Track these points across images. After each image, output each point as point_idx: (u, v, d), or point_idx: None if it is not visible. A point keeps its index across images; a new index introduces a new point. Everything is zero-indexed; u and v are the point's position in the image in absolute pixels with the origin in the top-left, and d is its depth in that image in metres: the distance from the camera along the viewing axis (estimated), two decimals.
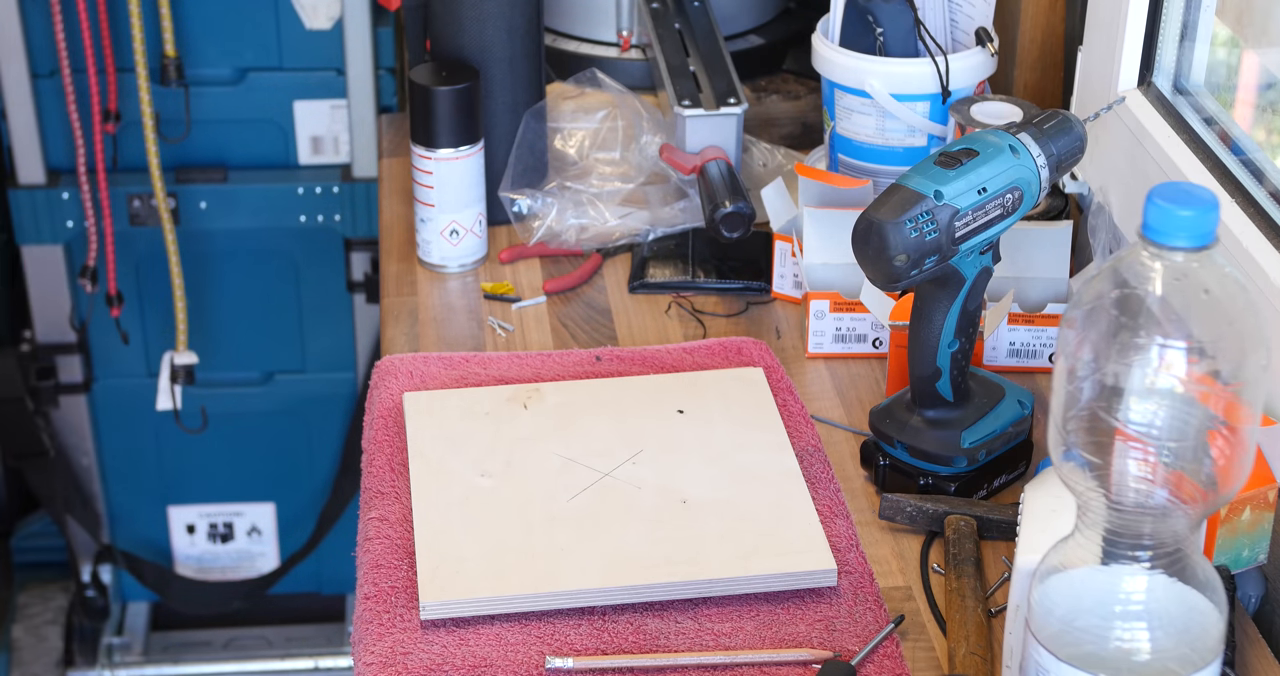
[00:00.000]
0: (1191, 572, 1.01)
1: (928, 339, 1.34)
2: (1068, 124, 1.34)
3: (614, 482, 1.34)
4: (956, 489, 1.35)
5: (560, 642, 1.22)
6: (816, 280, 1.57)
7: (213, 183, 2.46)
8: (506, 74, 1.72)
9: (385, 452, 1.40)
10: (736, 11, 2.02)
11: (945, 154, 1.30)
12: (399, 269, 1.70)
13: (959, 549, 1.29)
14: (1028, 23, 1.74)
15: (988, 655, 1.21)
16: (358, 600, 1.27)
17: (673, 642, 1.22)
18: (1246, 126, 1.48)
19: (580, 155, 1.79)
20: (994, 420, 1.37)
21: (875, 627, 1.24)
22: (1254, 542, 1.27)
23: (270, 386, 2.62)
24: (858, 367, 1.54)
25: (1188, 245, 0.96)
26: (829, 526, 1.32)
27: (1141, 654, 1.01)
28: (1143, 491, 0.98)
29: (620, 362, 1.51)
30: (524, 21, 1.72)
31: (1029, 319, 1.51)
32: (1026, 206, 1.32)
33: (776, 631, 1.23)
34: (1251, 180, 1.39)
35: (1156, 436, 0.97)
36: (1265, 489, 1.26)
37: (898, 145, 1.65)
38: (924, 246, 1.27)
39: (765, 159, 1.82)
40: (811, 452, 1.40)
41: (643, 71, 1.96)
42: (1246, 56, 1.54)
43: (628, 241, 1.71)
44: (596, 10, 2.00)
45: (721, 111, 1.72)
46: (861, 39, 1.67)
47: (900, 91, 1.63)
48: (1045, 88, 1.77)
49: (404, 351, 1.57)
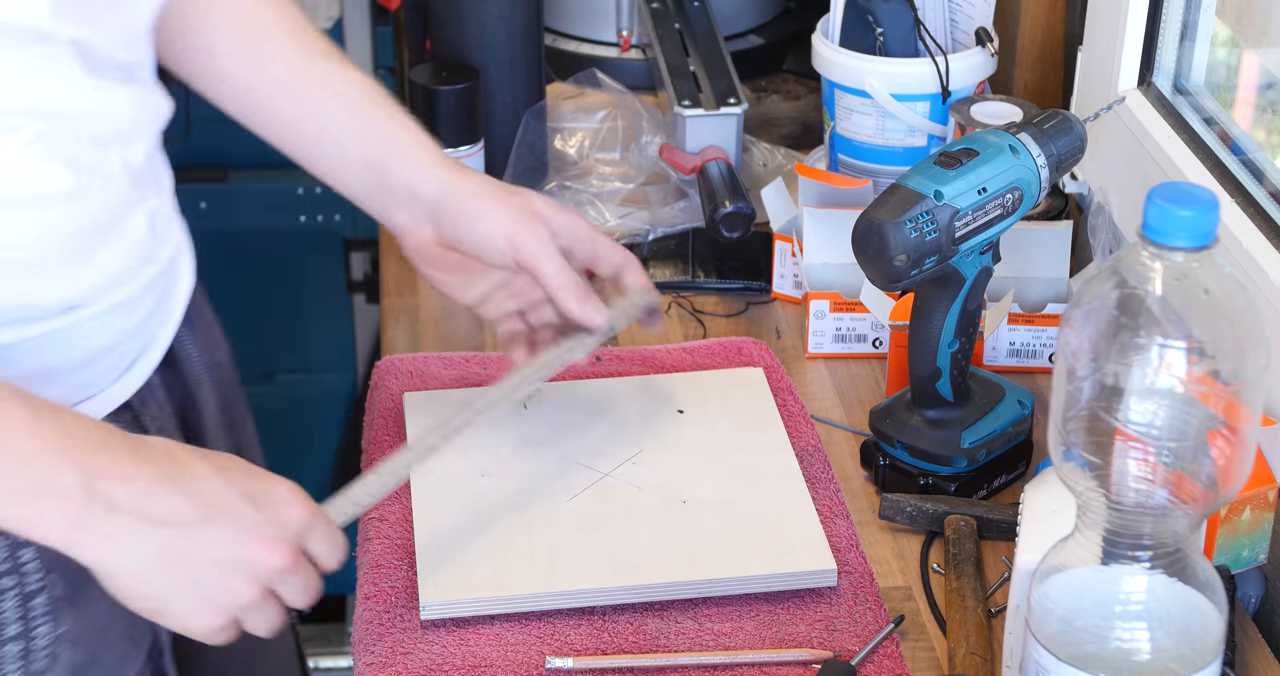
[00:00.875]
0: (1191, 572, 1.01)
1: (928, 339, 1.34)
2: (1068, 124, 1.34)
3: (614, 482, 1.34)
4: (956, 489, 1.35)
5: (560, 642, 1.22)
6: (816, 280, 1.56)
7: (213, 183, 2.46)
8: (506, 74, 1.72)
9: (385, 452, 1.40)
10: (736, 11, 2.02)
11: (945, 154, 1.30)
12: (399, 269, 1.70)
13: (959, 549, 1.29)
14: (1028, 23, 1.74)
15: (988, 655, 1.21)
16: (358, 600, 1.27)
17: (673, 642, 1.22)
18: (1246, 126, 1.48)
19: (580, 155, 1.80)
20: (994, 420, 1.37)
21: (875, 627, 1.24)
22: (1254, 542, 1.27)
23: (270, 386, 2.62)
24: (858, 367, 1.54)
25: (1188, 245, 0.96)
26: (829, 526, 1.32)
27: (1141, 654, 1.01)
28: (1143, 491, 0.98)
29: (620, 363, 1.51)
30: (524, 21, 1.72)
31: (1029, 319, 1.51)
32: (1026, 206, 1.32)
33: (776, 631, 1.23)
34: (1251, 180, 1.39)
35: (1156, 436, 0.97)
36: (1265, 489, 1.26)
37: (898, 145, 1.65)
38: (924, 246, 1.27)
39: (765, 159, 1.82)
40: (811, 452, 1.40)
41: (643, 71, 1.96)
42: (1246, 56, 1.54)
43: (628, 241, 1.71)
44: (596, 10, 2.00)
45: (721, 111, 1.72)
46: (861, 39, 1.67)
47: (900, 91, 1.63)
48: (1045, 88, 1.77)
49: (404, 351, 1.57)
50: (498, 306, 1.33)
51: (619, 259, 1.30)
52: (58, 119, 1.06)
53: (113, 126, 1.11)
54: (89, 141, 1.09)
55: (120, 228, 1.14)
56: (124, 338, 1.17)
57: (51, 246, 1.09)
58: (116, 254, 1.14)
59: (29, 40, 1.02)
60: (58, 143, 1.06)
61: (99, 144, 1.10)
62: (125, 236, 1.15)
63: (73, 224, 1.10)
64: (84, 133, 1.09)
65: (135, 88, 1.13)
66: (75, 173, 1.08)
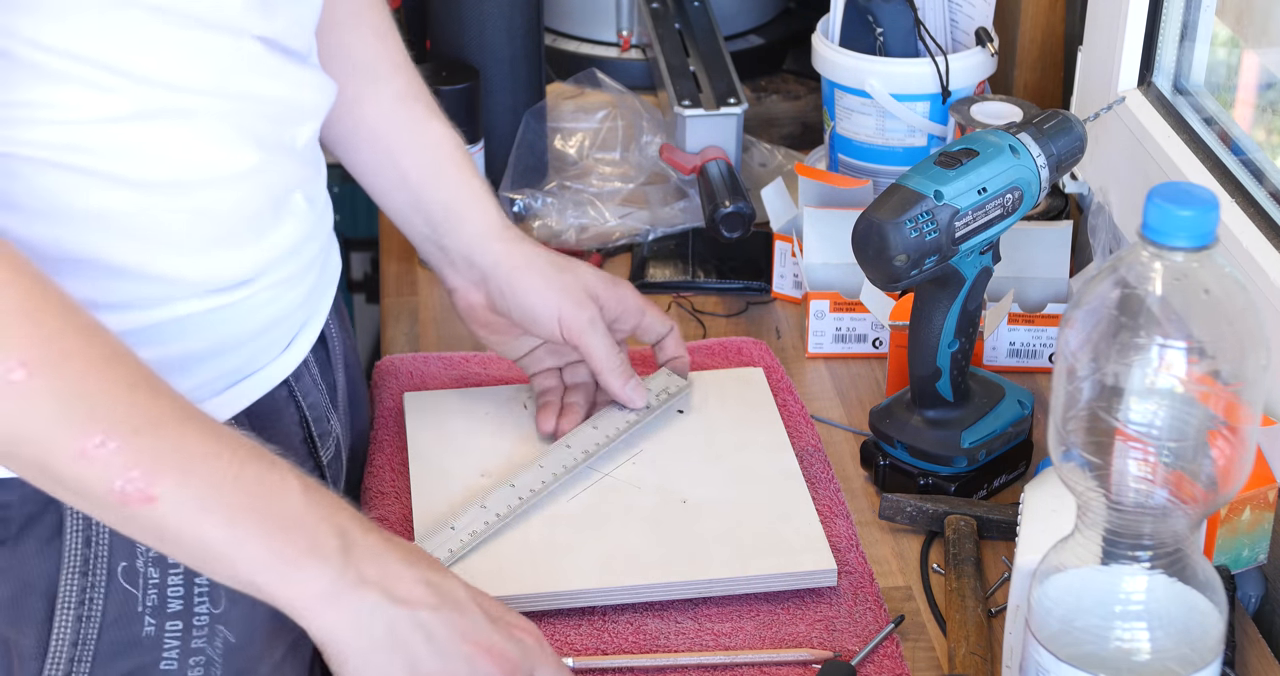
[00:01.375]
0: (1191, 572, 1.01)
1: (928, 339, 1.34)
2: (1068, 124, 1.34)
3: (614, 482, 1.34)
4: (956, 489, 1.35)
5: (560, 642, 1.22)
6: (816, 280, 1.57)
7: None
8: (506, 74, 1.72)
9: (385, 452, 1.40)
10: (736, 11, 2.02)
11: (945, 154, 1.30)
12: (399, 269, 1.70)
13: (959, 549, 1.29)
14: (1028, 23, 1.74)
15: (988, 655, 1.21)
16: None
17: (673, 642, 1.22)
18: (1246, 126, 1.48)
19: (580, 155, 1.80)
20: (994, 420, 1.37)
21: (875, 627, 1.24)
22: (1254, 542, 1.27)
23: None
24: (858, 367, 1.54)
25: (1188, 245, 0.96)
26: (829, 526, 1.32)
27: (1141, 654, 1.01)
28: (1143, 491, 0.98)
29: None
30: (524, 21, 1.72)
31: (1029, 319, 1.51)
32: (1026, 206, 1.32)
33: (776, 631, 1.23)
34: (1251, 180, 1.39)
35: (1156, 436, 0.97)
36: (1265, 489, 1.26)
37: (898, 145, 1.65)
38: (924, 246, 1.27)
39: (765, 159, 1.82)
40: (811, 452, 1.40)
41: (643, 71, 1.96)
42: (1246, 56, 1.54)
43: (628, 241, 1.71)
44: (596, 10, 2.00)
45: (721, 111, 1.72)
46: (861, 39, 1.67)
47: (900, 91, 1.63)
48: (1045, 88, 1.77)
49: (404, 351, 1.57)
50: (537, 362, 1.40)
51: (663, 329, 1.40)
52: (244, 99, 1.11)
53: (290, 108, 1.16)
54: (271, 121, 1.14)
55: (292, 203, 1.19)
56: (291, 310, 1.21)
57: (239, 221, 1.13)
58: (290, 229, 1.18)
59: (220, 32, 1.07)
60: (245, 121, 1.11)
61: (279, 123, 1.15)
62: (295, 212, 1.19)
63: (259, 198, 1.14)
64: (268, 113, 1.14)
65: (308, 72, 1.18)
66: (262, 150, 1.13)
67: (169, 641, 1.14)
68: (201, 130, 1.09)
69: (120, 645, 1.12)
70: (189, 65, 1.07)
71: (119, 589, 1.12)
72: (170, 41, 1.05)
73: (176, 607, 1.14)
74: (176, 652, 1.14)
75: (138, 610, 1.13)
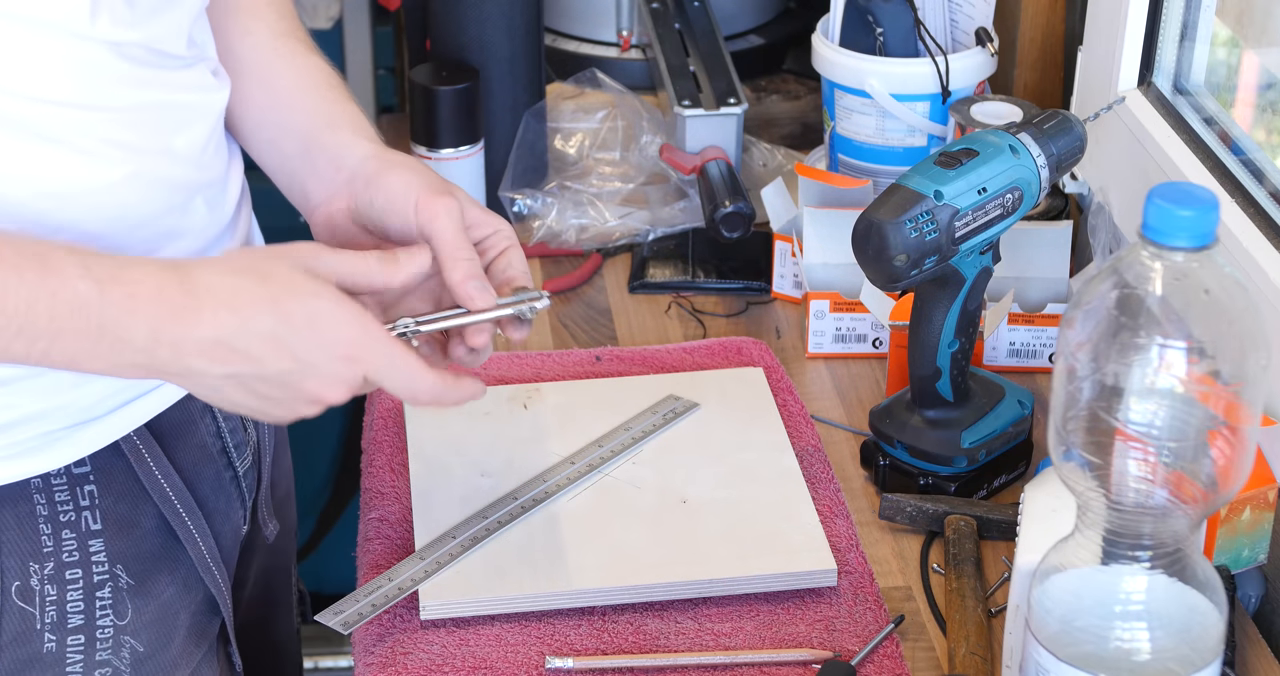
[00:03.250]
0: (1191, 572, 1.01)
1: (928, 339, 1.34)
2: (1068, 124, 1.34)
3: (614, 482, 1.34)
4: (956, 489, 1.35)
5: (560, 642, 1.22)
6: (816, 280, 1.57)
7: None
8: (506, 74, 1.72)
9: (385, 452, 1.40)
10: (736, 11, 2.02)
11: (945, 154, 1.30)
12: None
13: (959, 549, 1.29)
14: (1028, 23, 1.74)
15: (988, 655, 1.21)
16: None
17: (673, 642, 1.22)
18: (1246, 126, 1.48)
19: (580, 155, 1.80)
20: (994, 420, 1.37)
21: (875, 627, 1.24)
22: (1254, 542, 1.27)
23: None
24: (858, 367, 1.54)
25: (1188, 245, 0.96)
26: (829, 526, 1.32)
27: (1141, 654, 1.01)
28: (1143, 491, 0.98)
29: (620, 362, 1.51)
30: (524, 21, 1.72)
31: (1029, 319, 1.51)
32: (1026, 206, 1.32)
33: (776, 631, 1.23)
34: (1251, 180, 1.39)
35: (1156, 436, 0.97)
36: (1265, 489, 1.26)
37: (898, 145, 1.65)
38: (924, 246, 1.28)
39: (765, 159, 1.82)
40: (811, 452, 1.40)
41: (643, 71, 1.96)
42: (1246, 56, 1.54)
43: (628, 241, 1.71)
44: (596, 10, 2.00)
45: (721, 111, 1.72)
46: (861, 39, 1.67)
47: (900, 91, 1.63)
48: (1045, 88, 1.77)
49: None
50: (409, 309, 1.24)
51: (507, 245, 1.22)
52: (104, 110, 1.08)
53: (164, 113, 1.13)
54: (141, 128, 1.11)
55: (190, 210, 1.17)
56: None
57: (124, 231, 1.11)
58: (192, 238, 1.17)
59: (72, 39, 1.04)
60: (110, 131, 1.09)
61: (154, 131, 1.12)
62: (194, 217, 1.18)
63: (142, 209, 1.12)
64: (135, 120, 1.10)
65: (190, 74, 1.15)
66: (136, 158, 1.10)
67: (71, 656, 1.14)
68: (59, 141, 1.06)
69: (20, 663, 1.13)
70: (39, 75, 1.04)
71: (14, 608, 1.12)
72: (20, 50, 1.02)
73: (78, 622, 1.13)
74: (80, 667, 1.15)
75: (36, 628, 1.13)
